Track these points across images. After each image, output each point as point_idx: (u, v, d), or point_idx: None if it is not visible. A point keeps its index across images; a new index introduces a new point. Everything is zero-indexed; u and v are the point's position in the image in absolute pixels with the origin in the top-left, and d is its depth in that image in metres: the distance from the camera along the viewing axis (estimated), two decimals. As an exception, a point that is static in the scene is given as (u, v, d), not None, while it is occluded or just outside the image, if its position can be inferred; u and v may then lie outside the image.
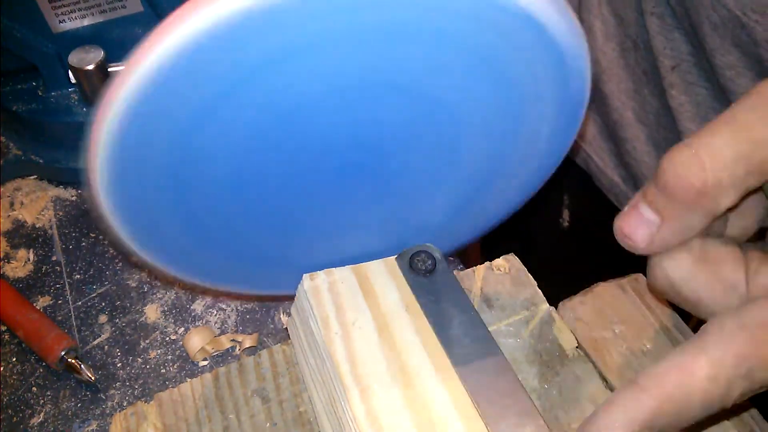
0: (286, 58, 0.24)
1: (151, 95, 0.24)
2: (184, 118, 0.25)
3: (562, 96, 0.30)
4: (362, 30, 0.24)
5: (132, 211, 0.29)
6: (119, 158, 0.26)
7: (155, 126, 0.25)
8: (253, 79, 0.25)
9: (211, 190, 0.29)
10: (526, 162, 0.34)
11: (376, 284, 0.34)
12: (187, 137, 0.26)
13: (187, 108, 0.25)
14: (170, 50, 0.23)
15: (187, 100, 0.25)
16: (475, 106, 0.29)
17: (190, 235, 0.31)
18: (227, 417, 0.34)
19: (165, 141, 0.26)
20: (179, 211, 0.30)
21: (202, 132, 0.26)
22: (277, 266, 0.35)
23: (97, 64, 0.48)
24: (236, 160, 0.28)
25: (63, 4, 0.50)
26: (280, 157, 0.28)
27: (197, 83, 0.24)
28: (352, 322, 0.32)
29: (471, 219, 0.37)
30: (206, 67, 0.24)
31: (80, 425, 0.42)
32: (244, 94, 0.25)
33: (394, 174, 0.31)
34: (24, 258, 0.51)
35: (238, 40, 0.23)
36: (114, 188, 0.27)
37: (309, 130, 0.28)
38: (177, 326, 0.47)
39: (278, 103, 0.26)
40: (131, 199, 0.28)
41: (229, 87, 0.25)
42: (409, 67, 0.26)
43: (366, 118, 0.28)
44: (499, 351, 0.32)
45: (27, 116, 0.54)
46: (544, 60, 0.28)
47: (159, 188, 0.28)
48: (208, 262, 0.34)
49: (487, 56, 0.27)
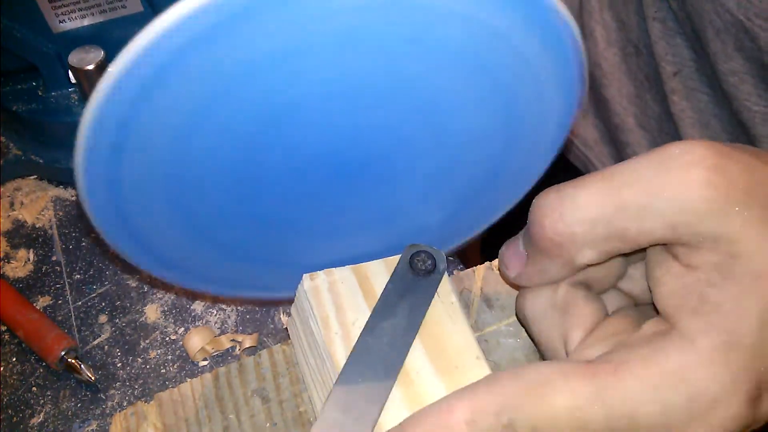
0: (284, 60, 0.24)
1: (146, 95, 0.24)
2: (179, 120, 0.25)
3: (560, 81, 0.30)
4: (360, 32, 0.24)
5: (126, 214, 0.29)
6: (114, 162, 0.26)
7: (151, 126, 0.25)
8: (249, 81, 0.25)
9: (208, 192, 0.29)
10: (527, 155, 0.34)
11: (376, 284, 0.34)
12: (183, 139, 0.26)
13: (183, 109, 0.25)
14: (165, 50, 0.23)
15: (182, 101, 0.25)
16: (473, 105, 0.29)
17: (186, 237, 0.31)
18: (227, 417, 0.35)
19: (160, 142, 0.26)
20: (175, 214, 0.29)
21: (198, 134, 0.26)
22: (277, 267, 0.35)
23: (97, 64, 0.48)
24: (233, 162, 0.28)
25: (63, 4, 0.50)
26: (277, 159, 0.28)
27: (194, 84, 0.24)
28: (352, 322, 0.32)
29: (472, 216, 0.37)
30: (204, 67, 0.24)
31: (80, 425, 0.42)
32: (240, 95, 0.25)
33: (394, 174, 0.31)
34: (24, 258, 0.51)
35: (234, 40, 0.23)
36: (110, 192, 0.27)
37: (307, 131, 0.28)
38: (177, 326, 0.47)
39: (275, 104, 0.26)
40: (124, 202, 0.28)
41: (225, 88, 0.25)
42: (405, 69, 0.26)
43: (365, 119, 0.28)
44: (395, 377, 0.30)
45: (27, 116, 0.54)
46: (538, 45, 0.27)
47: (153, 190, 0.28)
48: (206, 265, 0.34)
49: (482, 54, 0.27)
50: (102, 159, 0.26)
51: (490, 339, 0.37)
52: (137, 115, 0.24)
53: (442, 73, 0.27)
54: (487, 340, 0.37)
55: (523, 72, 0.28)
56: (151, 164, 0.27)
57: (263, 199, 0.30)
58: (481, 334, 0.37)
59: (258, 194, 0.30)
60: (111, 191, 0.27)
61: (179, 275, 0.34)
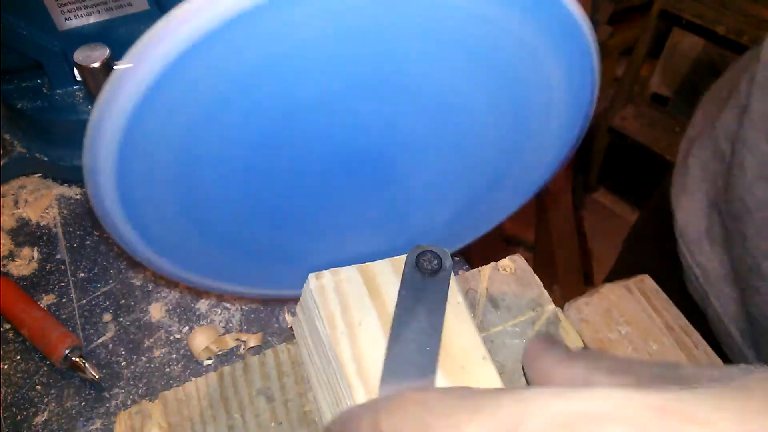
0: (292, 57, 0.24)
1: (157, 96, 0.24)
2: (189, 119, 0.25)
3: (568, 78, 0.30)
4: (365, 29, 0.24)
5: (137, 210, 0.29)
6: (126, 159, 0.26)
7: (162, 125, 0.25)
8: (259, 79, 0.25)
9: (218, 191, 0.29)
10: (534, 157, 0.34)
11: (382, 284, 0.34)
12: (193, 138, 0.26)
13: (192, 108, 0.25)
14: (173, 52, 0.23)
15: (192, 100, 0.25)
16: (482, 102, 0.29)
17: (196, 234, 0.31)
18: (232, 416, 0.34)
19: (171, 141, 0.26)
20: (185, 211, 0.30)
21: (208, 133, 0.26)
22: (284, 265, 0.35)
23: (102, 62, 0.48)
24: (242, 161, 0.28)
25: (69, 1, 0.50)
26: (286, 159, 0.28)
27: (202, 85, 0.24)
28: (358, 321, 0.32)
29: (477, 217, 0.37)
30: (212, 68, 0.24)
31: (84, 424, 0.42)
32: (251, 94, 0.25)
33: (402, 174, 0.31)
34: (28, 256, 0.51)
35: (241, 41, 0.23)
36: (120, 189, 0.27)
37: (315, 130, 0.28)
38: (181, 325, 0.47)
39: (286, 104, 0.26)
40: (136, 198, 0.28)
41: (236, 87, 0.25)
42: (411, 66, 0.26)
43: (373, 118, 0.28)
44: (433, 380, 0.30)
45: (32, 114, 0.54)
46: (547, 39, 0.27)
47: (164, 187, 0.28)
48: (214, 260, 0.34)
49: (488, 50, 0.27)
50: (111, 158, 0.26)
51: (495, 339, 0.37)
52: (146, 113, 0.24)
53: (452, 71, 0.27)
54: (493, 340, 0.37)
55: (534, 74, 0.28)
56: (160, 163, 0.27)
57: (271, 198, 0.30)
58: (487, 335, 0.37)
59: (266, 192, 0.30)
60: (120, 189, 0.27)
61: (186, 268, 0.34)
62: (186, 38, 0.23)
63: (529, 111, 0.30)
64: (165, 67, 0.23)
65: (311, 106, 0.26)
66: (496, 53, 0.27)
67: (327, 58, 0.25)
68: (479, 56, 0.27)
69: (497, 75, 0.28)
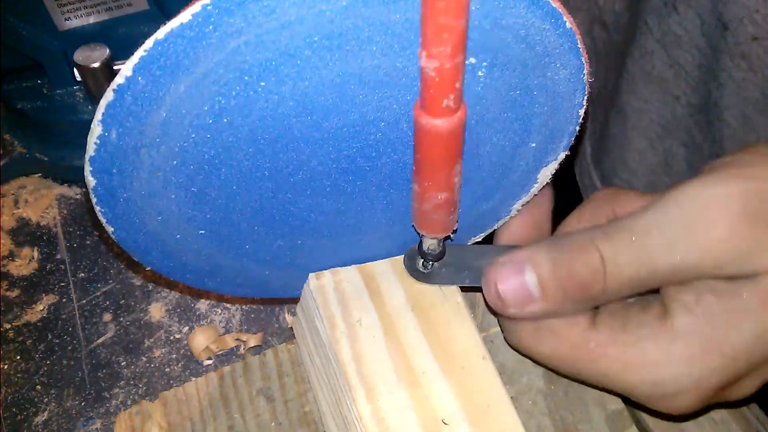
0: (297, 56, 0.24)
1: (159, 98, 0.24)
2: (191, 121, 0.25)
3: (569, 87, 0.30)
4: (368, 27, 0.24)
5: (136, 216, 0.29)
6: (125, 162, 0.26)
7: (163, 128, 0.25)
8: (264, 79, 0.25)
9: (218, 193, 0.29)
10: (536, 158, 0.34)
11: (382, 284, 0.34)
12: (195, 141, 0.26)
13: (194, 109, 0.25)
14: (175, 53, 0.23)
15: (194, 101, 0.25)
16: (482, 100, 0.29)
17: (196, 237, 0.31)
18: (232, 416, 0.34)
19: (172, 144, 0.26)
20: (185, 215, 0.29)
21: (211, 135, 0.26)
22: (283, 266, 0.35)
23: (102, 62, 0.48)
24: (246, 164, 0.28)
25: (69, 1, 0.50)
26: (289, 159, 0.28)
27: (209, 82, 0.24)
28: (357, 321, 0.32)
29: (476, 219, 0.37)
30: (220, 65, 0.24)
31: (84, 424, 0.42)
32: (255, 93, 0.25)
33: (404, 174, 0.31)
34: (28, 256, 0.51)
35: (251, 36, 0.23)
36: (117, 193, 0.27)
37: (317, 131, 0.28)
38: (181, 325, 0.47)
39: (289, 103, 0.26)
40: (136, 204, 0.28)
41: (241, 87, 0.25)
42: (413, 66, 0.26)
43: (374, 118, 0.28)
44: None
45: (32, 114, 0.54)
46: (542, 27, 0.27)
47: (162, 189, 0.28)
48: (215, 262, 0.34)
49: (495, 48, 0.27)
50: (114, 158, 0.26)
51: (495, 340, 0.37)
52: (149, 115, 0.24)
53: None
54: (493, 340, 0.37)
55: (536, 71, 0.28)
56: (163, 166, 0.27)
57: (271, 200, 0.30)
58: (487, 335, 0.37)
59: (266, 194, 0.30)
60: (123, 191, 0.27)
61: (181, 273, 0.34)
62: (189, 41, 0.23)
63: (530, 109, 0.30)
64: (168, 70, 0.23)
65: (313, 110, 0.26)
66: (501, 49, 0.27)
67: (329, 59, 0.25)
68: (482, 53, 0.27)
69: (502, 73, 0.28)
